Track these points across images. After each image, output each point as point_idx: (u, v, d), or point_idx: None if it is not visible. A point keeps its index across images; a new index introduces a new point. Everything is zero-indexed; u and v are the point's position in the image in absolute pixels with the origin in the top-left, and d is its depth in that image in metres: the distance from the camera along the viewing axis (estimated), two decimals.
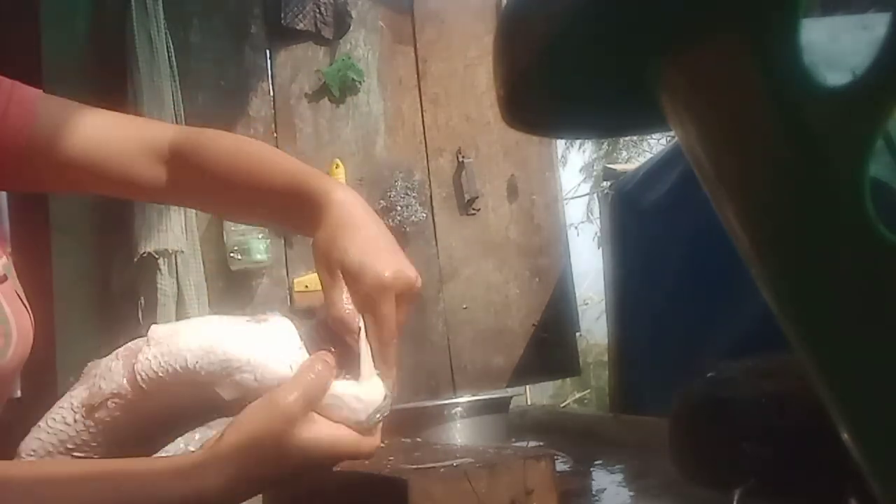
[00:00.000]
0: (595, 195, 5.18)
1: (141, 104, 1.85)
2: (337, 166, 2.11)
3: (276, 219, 0.83)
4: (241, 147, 0.83)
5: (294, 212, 0.72)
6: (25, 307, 0.77)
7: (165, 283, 1.84)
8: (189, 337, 0.60)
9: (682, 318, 1.78)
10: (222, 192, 0.81)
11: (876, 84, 0.26)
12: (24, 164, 0.78)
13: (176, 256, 1.86)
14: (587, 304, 4.33)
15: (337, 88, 2.15)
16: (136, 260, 1.84)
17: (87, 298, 1.87)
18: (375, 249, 0.66)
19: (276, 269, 2.05)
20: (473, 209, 2.26)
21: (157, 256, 1.83)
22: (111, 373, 0.60)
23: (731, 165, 0.32)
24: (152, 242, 1.82)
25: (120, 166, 0.81)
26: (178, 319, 1.86)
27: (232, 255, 1.95)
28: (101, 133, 0.81)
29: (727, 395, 0.67)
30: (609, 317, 2.23)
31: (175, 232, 1.86)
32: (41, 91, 0.82)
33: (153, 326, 0.62)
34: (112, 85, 1.91)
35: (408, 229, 2.16)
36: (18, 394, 2.36)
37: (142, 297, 1.86)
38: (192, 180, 0.81)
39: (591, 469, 0.98)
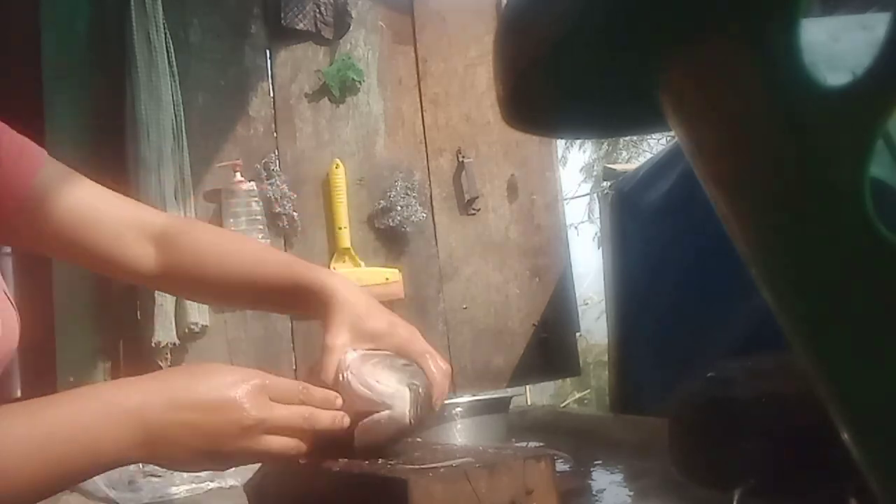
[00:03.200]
0: (595, 195, 5.18)
1: (138, 103, 1.85)
2: (337, 166, 2.11)
3: (272, 309, 0.93)
4: (233, 238, 0.89)
5: (294, 305, 0.84)
6: (12, 304, 0.78)
7: None
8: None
9: (683, 318, 1.77)
10: (214, 283, 0.85)
11: (876, 84, 0.26)
12: (22, 221, 0.80)
13: None
14: (587, 304, 4.33)
15: (337, 88, 2.15)
16: None
17: (87, 299, 1.87)
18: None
19: None
20: (473, 209, 2.26)
21: None
22: None
23: (731, 165, 0.32)
24: None
25: (109, 245, 0.83)
26: (177, 321, 1.86)
27: None
28: (94, 210, 0.83)
29: (727, 395, 0.67)
30: (609, 317, 2.22)
31: None
32: (46, 153, 0.84)
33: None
34: (111, 85, 1.91)
35: (408, 229, 2.15)
36: (18, 394, 2.36)
37: (138, 299, 1.86)
38: (183, 267, 0.85)
39: (591, 469, 0.98)
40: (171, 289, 1.15)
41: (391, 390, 0.71)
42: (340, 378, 0.73)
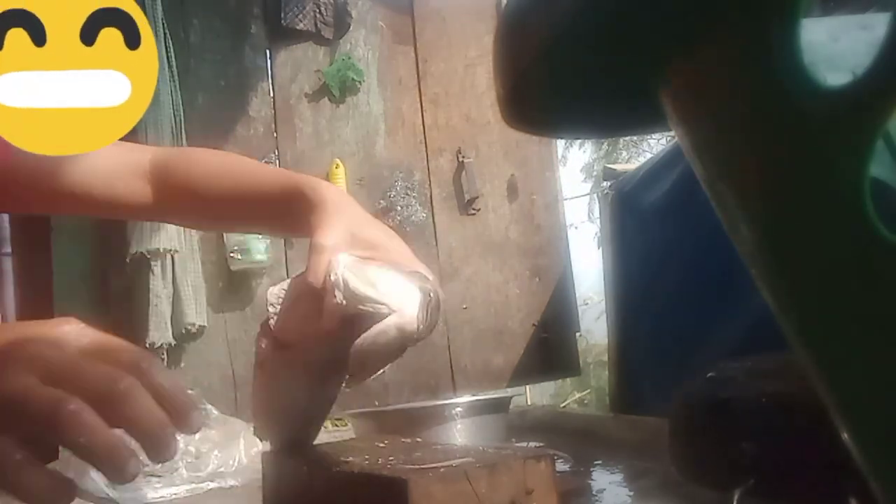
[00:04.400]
0: (595, 195, 5.19)
1: None
2: (337, 166, 2.11)
3: (268, 223, 0.85)
4: (225, 159, 0.84)
5: (287, 213, 0.73)
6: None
7: (157, 284, 1.85)
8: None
9: (682, 318, 1.78)
10: (207, 198, 0.83)
11: (876, 84, 0.26)
12: (8, 183, 0.79)
13: (172, 257, 1.86)
14: (587, 304, 4.33)
15: (337, 88, 2.15)
16: (128, 260, 1.84)
17: (87, 298, 1.87)
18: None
19: (275, 269, 2.05)
20: (473, 209, 2.26)
21: (149, 256, 1.83)
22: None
23: (730, 165, 0.32)
24: (144, 242, 1.83)
25: (103, 187, 0.83)
26: (173, 321, 1.86)
27: (232, 255, 1.95)
28: (83, 159, 0.82)
29: (727, 395, 0.67)
30: (609, 317, 2.23)
31: (168, 231, 1.86)
32: None
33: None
34: None
35: (408, 229, 2.16)
36: None
37: (134, 300, 1.86)
38: (176, 194, 0.83)
39: (591, 469, 0.98)
40: (171, 218, 1.10)
41: (399, 290, 0.60)
42: (332, 278, 0.60)
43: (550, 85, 0.39)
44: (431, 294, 0.61)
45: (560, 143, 3.78)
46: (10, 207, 0.87)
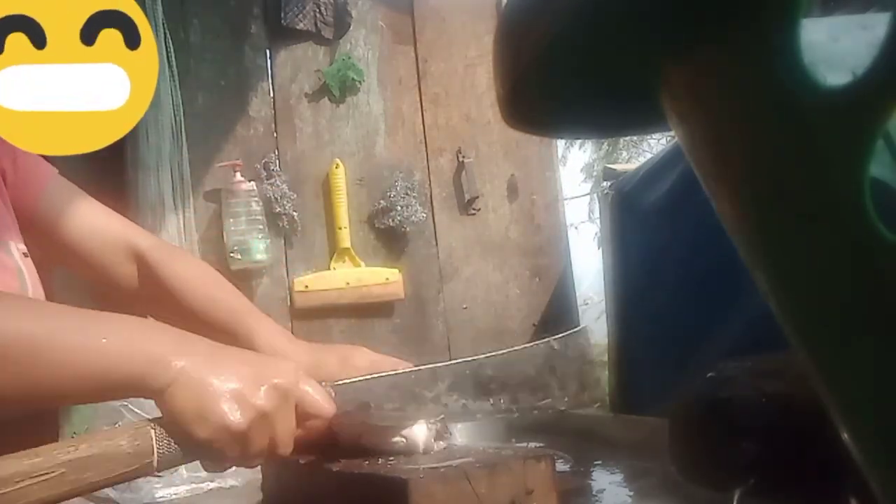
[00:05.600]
0: (595, 195, 5.18)
1: None
2: (337, 166, 2.11)
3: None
4: (197, 274, 0.96)
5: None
6: (42, 290, 0.83)
7: None
8: None
9: (682, 318, 1.77)
10: (175, 314, 0.94)
11: (876, 84, 0.26)
12: (36, 236, 0.89)
13: None
14: (587, 304, 4.32)
15: (337, 88, 2.15)
16: None
17: (86, 297, 1.87)
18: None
19: (276, 269, 2.05)
20: (473, 209, 2.26)
21: None
22: None
23: (730, 165, 0.32)
24: None
25: (100, 260, 0.93)
26: None
27: (232, 254, 1.95)
28: (91, 226, 0.92)
29: (727, 395, 0.67)
30: (609, 317, 2.22)
31: (169, 231, 1.86)
32: (55, 169, 0.92)
33: None
34: None
35: (408, 229, 2.16)
36: None
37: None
38: (152, 295, 0.94)
39: (591, 469, 0.98)
40: (147, 312, 1.28)
41: (410, 422, 0.74)
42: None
43: (550, 85, 0.39)
44: (439, 425, 0.75)
45: (560, 143, 3.78)
46: (42, 255, 0.96)
